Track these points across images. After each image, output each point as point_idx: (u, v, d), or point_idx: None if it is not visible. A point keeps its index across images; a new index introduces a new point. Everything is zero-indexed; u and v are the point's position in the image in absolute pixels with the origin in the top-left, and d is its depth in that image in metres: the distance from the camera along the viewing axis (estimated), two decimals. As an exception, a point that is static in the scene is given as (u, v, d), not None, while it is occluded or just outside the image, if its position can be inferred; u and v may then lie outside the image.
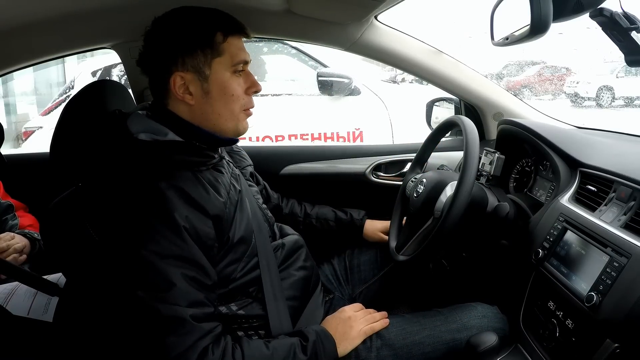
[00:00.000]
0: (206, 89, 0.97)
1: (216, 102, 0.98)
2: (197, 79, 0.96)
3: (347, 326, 1.05)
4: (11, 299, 1.27)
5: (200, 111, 0.98)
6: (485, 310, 1.12)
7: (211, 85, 0.97)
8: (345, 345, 1.02)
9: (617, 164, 1.05)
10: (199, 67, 0.95)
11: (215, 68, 0.97)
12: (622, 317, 0.81)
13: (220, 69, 0.97)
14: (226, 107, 0.99)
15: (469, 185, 1.03)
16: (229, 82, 0.98)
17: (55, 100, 4.05)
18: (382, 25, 1.47)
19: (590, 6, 0.88)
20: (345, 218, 1.42)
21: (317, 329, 1.02)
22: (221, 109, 0.98)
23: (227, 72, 0.97)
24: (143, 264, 0.85)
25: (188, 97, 0.97)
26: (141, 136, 0.92)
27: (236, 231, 0.98)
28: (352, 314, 1.08)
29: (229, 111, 0.99)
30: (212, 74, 0.96)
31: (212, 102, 0.98)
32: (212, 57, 0.96)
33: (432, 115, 1.83)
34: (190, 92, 0.96)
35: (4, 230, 1.47)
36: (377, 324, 1.07)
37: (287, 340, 0.96)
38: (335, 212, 1.44)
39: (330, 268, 1.38)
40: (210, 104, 0.98)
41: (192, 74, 0.96)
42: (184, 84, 0.96)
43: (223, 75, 0.97)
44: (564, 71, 10.34)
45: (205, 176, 0.96)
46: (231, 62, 0.97)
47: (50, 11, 1.20)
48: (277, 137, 3.43)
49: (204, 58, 0.95)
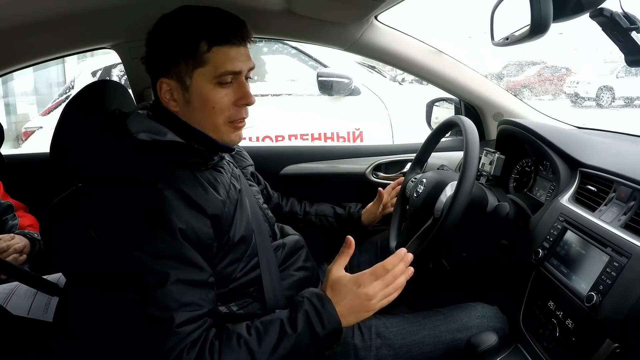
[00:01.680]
0: (187, 99, 0.95)
1: (197, 112, 0.95)
2: (179, 87, 0.94)
3: (362, 306, 0.89)
4: (11, 299, 1.27)
5: (184, 119, 0.97)
6: (485, 310, 1.12)
7: (192, 95, 0.94)
8: (352, 321, 0.90)
9: (617, 164, 1.05)
10: (180, 76, 0.93)
11: (196, 78, 0.93)
12: (622, 317, 0.81)
13: (201, 80, 0.93)
14: (208, 118, 0.95)
15: (469, 185, 1.03)
16: (210, 93, 0.94)
17: (55, 100, 4.05)
18: (382, 25, 1.47)
19: (590, 6, 0.88)
20: (343, 213, 1.44)
21: (313, 299, 0.89)
22: (202, 120, 0.96)
23: (209, 83, 0.93)
24: (136, 264, 0.85)
25: (172, 103, 0.96)
26: (141, 136, 0.92)
27: (236, 231, 0.97)
28: (372, 292, 0.89)
29: (211, 123, 0.96)
30: (192, 84, 0.93)
31: (194, 112, 0.95)
32: (193, 67, 0.93)
33: (432, 115, 1.83)
34: (174, 99, 0.96)
35: (4, 231, 1.47)
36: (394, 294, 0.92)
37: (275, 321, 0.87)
38: (334, 208, 1.45)
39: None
40: (192, 114, 0.96)
41: (175, 82, 0.94)
42: (169, 90, 0.95)
43: (204, 86, 0.93)
44: (564, 71, 10.35)
45: (204, 175, 0.95)
46: (214, 72, 0.93)
47: (50, 11, 1.20)
48: (277, 137, 3.43)
49: (185, 67, 0.93)
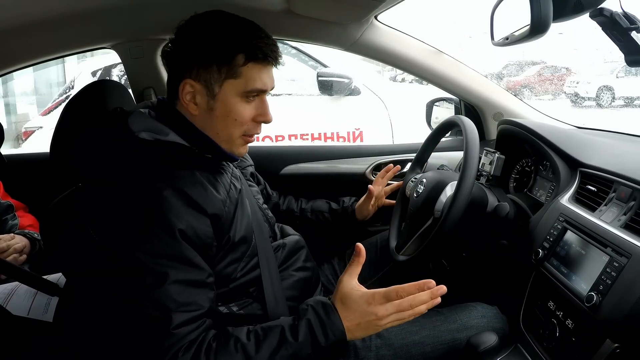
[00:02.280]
0: (211, 106, 0.95)
1: (218, 121, 0.96)
2: (205, 93, 0.94)
3: (370, 324, 0.85)
4: (11, 299, 1.27)
5: (201, 123, 0.97)
6: (485, 310, 1.12)
7: (217, 103, 0.94)
8: (359, 336, 0.88)
9: (617, 164, 1.05)
10: (210, 82, 0.93)
11: (226, 89, 0.94)
12: (622, 317, 0.81)
13: (230, 91, 0.94)
14: (226, 129, 0.96)
15: (469, 185, 1.03)
16: (236, 106, 0.95)
17: (55, 100, 4.05)
18: (382, 25, 1.47)
19: (590, 6, 0.88)
20: (338, 208, 1.44)
21: (318, 308, 0.87)
22: (220, 129, 0.96)
23: (237, 96, 0.94)
24: (136, 264, 0.85)
25: (192, 106, 0.96)
26: (142, 135, 0.91)
27: (237, 231, 0.97)
28: (383, 313, 0.84)
29: (227, 134, 0.97)
30: (220, 93, 0.94)
31: (214, 120, 0.96)
32: (226, 77, 0.93)
33: (432, 115, 1.83)
34: (196, 102, 0.95)
35: (4, 231, 1.47)
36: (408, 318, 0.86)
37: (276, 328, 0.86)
38: (329, 204, 1.45)
39: (330, 268, 1.38)
40: (211, 121, 0.96)
41: (202, 86, 0.94)
42: (192, 92, 0.95)
43: (232, 98, 0.94)
44: (564, 71, 10.35)
45: (204, 175, 0.95)
46: (245, 87, 0.94)
47: (50, 11, 1.20)
48: (277, 137, 3.43)
49: (217, 75, 0.93)
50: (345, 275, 0.89)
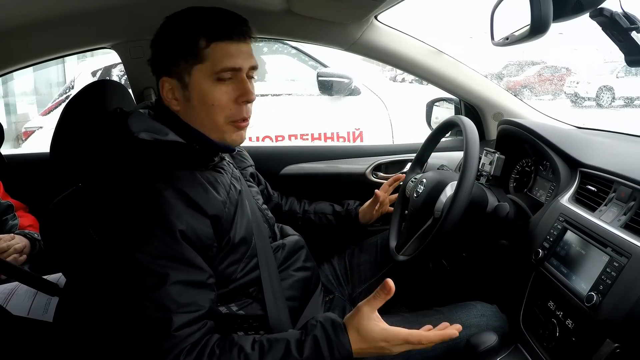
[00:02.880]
0: (187, 96, 0.94)
1: (198, 110, 0.94)
2: (179, 86, 0.94)
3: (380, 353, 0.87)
4: (11, 299, 1.27)
5: (186, 117, 0.96)
6: (485, 309, 1.12)
7: (191, 92, 0.93)
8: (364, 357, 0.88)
9: (617, 164, 1.05)
10: (180, 73, 0.93)
11: (195, 75, 0.92)
12: (622, 317, 0.81)
13: (200, 76, 0.92)
14: (207, 117, 0.94)
15: (469, 185, 1.03)
16: (209, 90, 0.92)
17: (55, 100, 4.05)
18: (382, 25, 1.47)
19: (590, 6, 0.88)
20: (341, 210, 1.43)
21: (325, 321, 0.87)
22: (203, 118, 0.95)
23: (207, 80, 0.92)
24: (136, 265, 0.85)
25: (174, 102, 0.96)
26: (142, 135, 0.92)
27: (237, 232, 0.97)
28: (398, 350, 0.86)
29: (210, 122, 0.94)
30: (191, 81, 0.93)
31: (194, 110, 0.95)
32: (192, 64, 0.92)
33: (432, 115, 1.83)
34: (176, 97, 0.95)
35: (4, 231, 1.47)
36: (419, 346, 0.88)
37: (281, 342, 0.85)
38: (332, 206, 1.44)
39: (330, 268, 1.38)
40: (192, 112, 0.95)
41: (175, 80, 0.94)
42: (170, 89, 0.95)
43: (203, 82, 0.92)
44: (564, 71, 10.35)
45: (204, 175, 0.95)
46: (213, 68, 0.91)
47: (50, 11, 1.20)
48: (277, 137, 3.43)
49: (185, 64, 0.92)
50: (366, 306, 0.87)
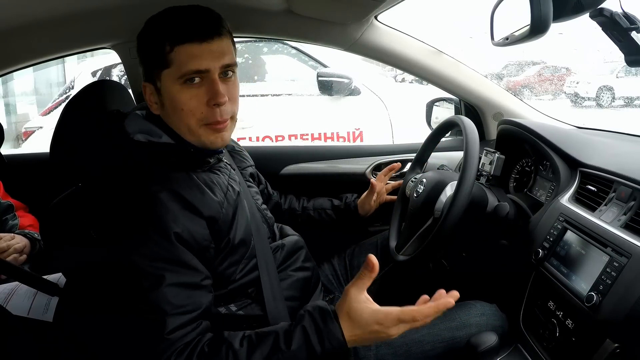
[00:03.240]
0: (162, 101, 0.95)
1: (171, 114, 0.94)
2: (154, 91, 0.95)
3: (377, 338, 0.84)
4: (11, 299, 1.27)
5: (166, 121, 0.97)
6: (484, 308, 1.12)
7: (163, 97, 0.94)
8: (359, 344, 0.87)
9: (617, 164, 1.05)
10: (153, 79, 0.94)
11: (164, 80, 0.92)
12: (622, 317, 0.81)
13: (167, 81, 0.92)
14: (180, 121, 0.93)
15: (469, 185, 1.03)
16: (177, 95, 0.91)
17: (55, 100, 4.04)
18: (382, 25, 1.47)
19: (590, 6, 0.88)
20: (340, 204, 1.43)
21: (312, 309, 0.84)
22: (176, 122, 0.94)
23: (175, 84, 0.91)
24: (133, 267, 0.85)
25: (155, 106, 0.97)
26: (137, 137, 0.92)
27: (236, 233, 0.97)
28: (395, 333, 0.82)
29: (184, 126, 0.93)
30: (162, 86, 0.93)
31: (169, 115, 0.95)
32: (160, 69, 0.92)
33: (432, 115, 1.83)
34: (155, 102, 0.96)
35: (4, 231, 1.47)
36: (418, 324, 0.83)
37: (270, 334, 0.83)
38: (331, 201, 1.44)
39: (330, 268, 1.38)
40: (168, 116, 0.96)
41: (151, 85, 0.95)
42: (151, 94, 0.96)
43: (171, 87, 0.91)
44: (564, 71, 10.33)
45: (200, 177, 0.95)
46: (178, 72, 0.90)
47: (50, 11, 1.20)
48: (277, 137, 3.43)
49: (155, 70, 0.93)
50: (353, 287, 0.83)
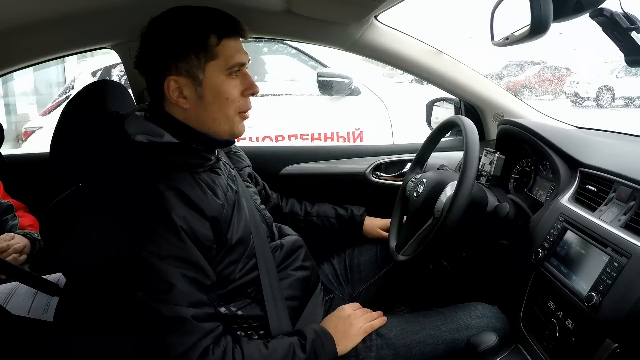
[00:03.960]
0: (200, 93, 0.96)
1: (210, 105, 0.97)
2: (191, 84, 0.95)
3: (347, 324, 1.04)
4: (11, 299, 1.27)
5: (195, 115, 0.97)
6: (485, 310, 1.12)
7: (205, 89, 0.95)
8: (346, 343, 1.02)
9: (617, 164, 1.05)
10: (192, 71, 0.94)
11: (209, 72, 0.95)
12: (622, 317, 0.81)
13: (214, 73, 0.95)
14: (220, 110, 0.97)
15: (469, 185, 1.03)
16: (223, 85, 0.96)
17: (55, 100, 4.04)
18: (382, 25, 1.47)
19: (590, 6, 0.88)
20: (345, 214, 1.43)
21: (316, 327, 1.01)
22: (216, 113, 0.97)
23: (221, 75, 0.96)
24: (143, 265, 0.85)
25: (182, 100, 0.96)
26: (138, 138, 0.92)
27: (234, 232, 0.98)
28: (352, 312, 1.07)
29: (223, 114, 0.98)
30: (205, 78, 0.95)
31: (207, 106, 0.97)
32: (205, 61, 0.94)
33: (432, 115, 1.83)
34: (184, 95, 0.96)
35: (4, 231, 1.47)
36: (376, 322, 1.07)
37: (286, 340, 0.96)
38: (335, 209, 1.44)
39: (330, 268, 1.38)
40: (204, 108, 0.97)
41: (186, 78, 0.95)
42: (178, 88, 0.95)
43: (217, 78, 0.95)
44: (564, 71, 10.32)
45: (202, 178, 0.96)
46: (226, 65, 0.95)
47: (50, 11, 1.20)
48: (277, 137, 3.43)
49: (197, 62, 0.94)
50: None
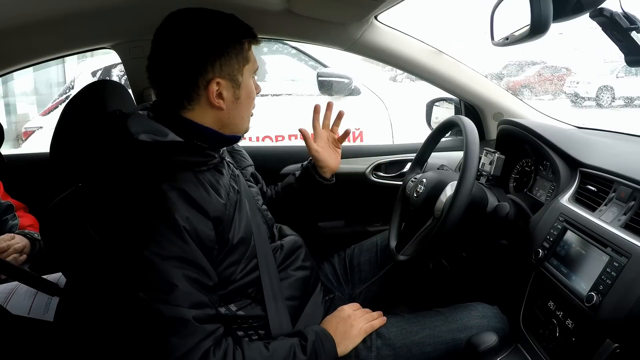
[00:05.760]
0: (237, 95, 1.00)
1: (242, 106, 1.02)
2: (230, 86, 0.98)
3: (347, 325, 1.05)
4: (11, 299, 1.27)
5: (227, 115, 1.00)
6: (485, 310, 1.12)
7: (242, 91, 1.00)
8: (346, 344, 1.03)
9: (617, 164, 1.05)
10: (232, 73, 0.98)
11: (246, 75, 1.00)
12: (622, 317, 0.81)
13: (247, 75, 1.01)
14: (247, 109, 1.04)
15: (469, 185, 1.03)
16: (251, 87, 1.03)
17: (55, 100, 4.04)
18: (382, 25, 1.47)
19: (590, 6, 0.89)
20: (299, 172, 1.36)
21: (317, 329, 1.02)
22: (244, 112, 1.03)
23: (249, 77, 1.02)
24: (145, 265, 0.85)
25: (221, 102, 0.98)
26: (142, 137, 0.91)
27: (236, 232, 0.97)
28: (352, 313, 1.08)
29: (248, 113, 1.05)
30: (243, 80, 1.00)
31: (240, 107, 1.02)
32: (243, 64, 0.99)
33: (432, 115, 1.83)
34: (222, 97, 0.98)
35: (4, 231, 1.47)
36: (376, 322, 1.08)
37: (287, 341, 0.96)
38: (294, 174, 1.38)
39: (330, 268, 1.38)
40: (237, 109, 1.01)
41: (227, 80, 0.97)
42: (218, 90, 0.96)
43: (249, 82, 1.02)
44: (564, 71, 10.33)
45: (206, 177, 0.95)
46: (253, 68, 1.02)
47: (50, 11, 1.20)
48: (277, 137, 3.43)
49: (237, 65, 0.98)
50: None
